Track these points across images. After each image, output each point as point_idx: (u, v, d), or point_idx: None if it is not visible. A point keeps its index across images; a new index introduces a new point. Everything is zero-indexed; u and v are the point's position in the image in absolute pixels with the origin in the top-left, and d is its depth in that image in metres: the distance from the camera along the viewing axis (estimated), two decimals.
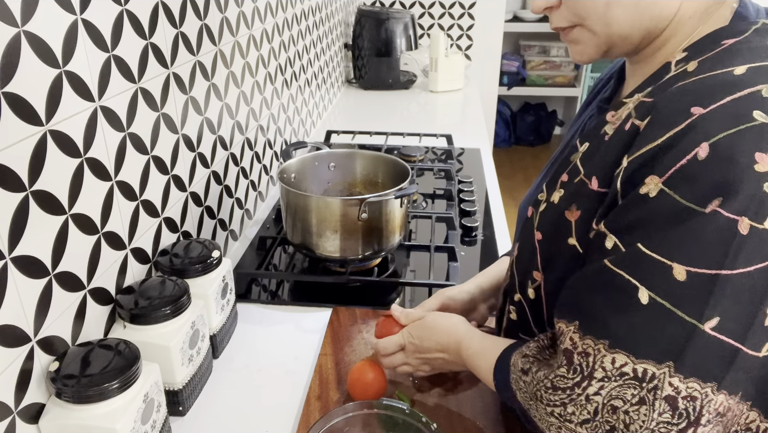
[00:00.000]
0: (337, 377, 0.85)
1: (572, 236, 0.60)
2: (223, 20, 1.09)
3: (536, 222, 0.66)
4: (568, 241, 0.60)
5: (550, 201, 0.64)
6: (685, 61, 0.56)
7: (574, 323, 0.54)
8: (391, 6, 2.91)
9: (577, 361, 0.53)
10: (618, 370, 0.50)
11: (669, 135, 0.50)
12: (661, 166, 0.50)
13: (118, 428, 0.61)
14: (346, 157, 1.23)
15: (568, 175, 0.63)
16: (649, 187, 0.50)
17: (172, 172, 0.92)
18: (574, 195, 0.61)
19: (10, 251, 0.58)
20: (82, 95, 0.69)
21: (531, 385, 0.59)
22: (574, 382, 0.53)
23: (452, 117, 2.21)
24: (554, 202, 0.63)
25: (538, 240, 0.65)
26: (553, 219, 0.63)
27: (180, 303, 0.75)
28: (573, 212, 0.60)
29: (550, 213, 0.64)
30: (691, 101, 0.51)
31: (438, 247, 1.17)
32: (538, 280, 0.65)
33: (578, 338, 0.54)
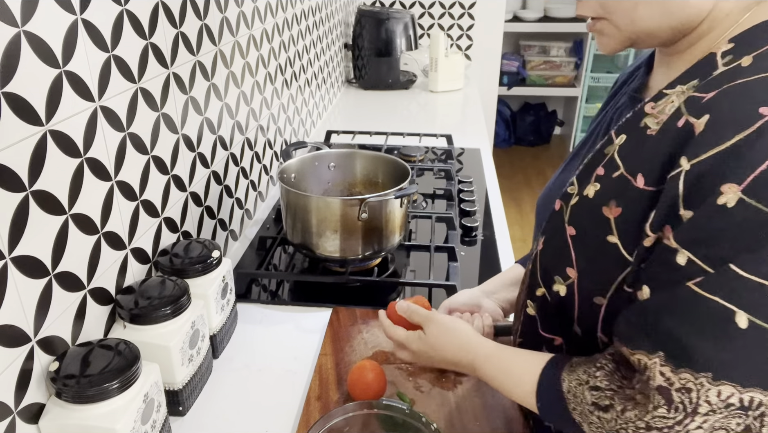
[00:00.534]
0: (337, 377, 0.85)
1: (612, 233, 0.57)
2: (223, 20, 1.09)
3: (567, 216, 0.63)
4: (608, 238, 0.57)
5: (584, 195, 0.61)
6: (733, 54, 0.54)
7: (658, 355, 0.50)
8: (391, 6, 2.91)
9: (678, 398, 0.49)
10: (724, 402, 0.47)
11: (739, 138, 0.47)
12: (737, 172, 0.46)
13: (118, 428, 0.61)
14: (346, 157, 1.23)
15: (604, 169, 0.60)
16: (727, 196, 0.46)
17: (172, 173, 0.92)
18: (613, 191, 0.58)
19: (10, 251, 0.58)
20: (82, 95, 0.69)
21: (614, 422, 0.55)
22: (675, 421, 0.50)
23: (452, 117, 2.21)
24: (589, 196, 0.60)
25: (571, 235, 0.62)
26: (589, 214, 0.60)
27: (180, 303, 0.75)
28: (612, 209, 0.57)
29: (584, 208, 0.61)
30: (759, 101, 0.48)
31: (438, 247, 1.17)
32: (572, 277, 0.62)
33: (670, 372, 0.49)
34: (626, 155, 0.58)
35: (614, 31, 0.60)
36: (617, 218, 0.57)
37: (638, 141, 0.57)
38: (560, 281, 0.63)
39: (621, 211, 0.56)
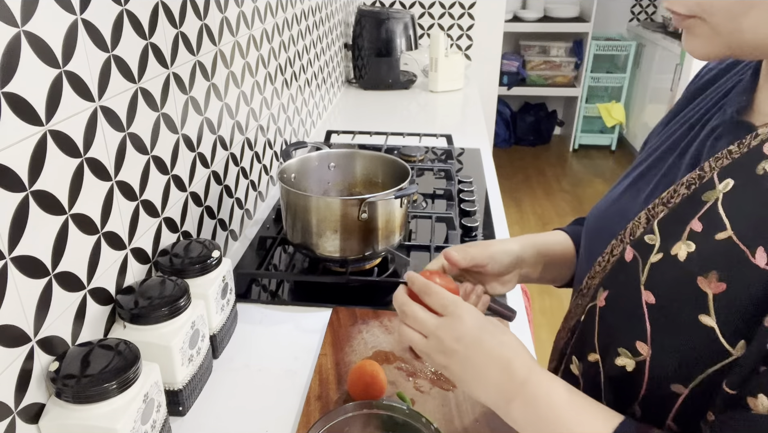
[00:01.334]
0: (337, 377, 0.85)
1: (708, 313, 0.46)
2: (223, 20, 1.09)
3: (644, 276, 0.51)
4: (700, 318, 0.46)
5: (670, 254, 0.49)
6: None
7: None
8: (391, 6, 2.91)
9: None
10: None
11: None
12: None
13: (118, 428, 0.61)
14: (346, 157, 1.23)
15: (701, 225, 0.48)
16: None
17: (172, 173, 0.92)
18: (715, 259, 0.46)
19: (10, 251, 0.58)
20: (82, 95, 0.69)
21: None
22: None
23: (452, 117, 2.21)
24: (678, 258, 0.49)
25: (648, 303, 0.50)
26: (677, 283, 0.48)
27: (180, 303, 0.75)
28: (712, 283, 0.46)
29: (671, 272, 0.49)
30: None
31: (438, 247, 1.17)
32: (644, 354, 0.50)
33: None
34: (737, 213, 0.46)
35: (710, 35, 0.48)
36: (719, 295, 0.45)
37: (756, 196, 0.45)
38: (628, 355, 0.51)
39: (725, 288, 0.45)
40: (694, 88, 0.65)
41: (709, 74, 0.64)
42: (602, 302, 0.55)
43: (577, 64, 4.22)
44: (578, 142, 4.47)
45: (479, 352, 0.56)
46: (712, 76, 0.63)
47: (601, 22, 4.38)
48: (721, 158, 0.50)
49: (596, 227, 0.65)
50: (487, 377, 0.56)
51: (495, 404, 0.56)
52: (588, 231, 0.67)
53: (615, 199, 0.64)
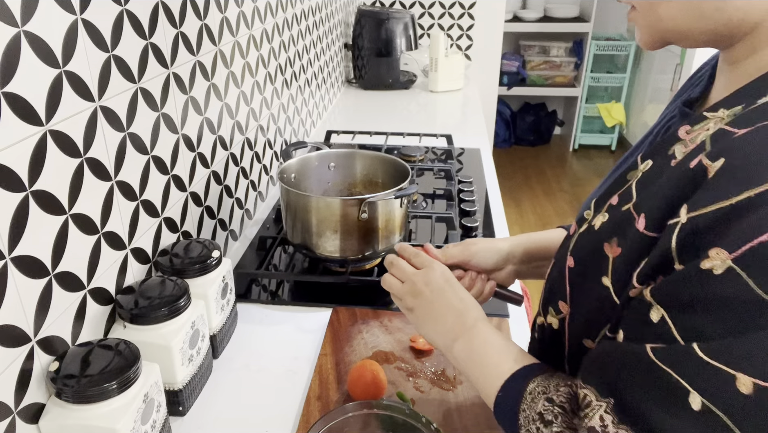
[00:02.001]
0: (337, 377, 0.85)
1: (607, 275, 0.50)
2: (223, 20, 1.09)
3: (572, 245, 0.56)
4: (602, 280, 0.50)
5: (591, 225, 0.54)
6: None
7: (608, 400, 0.46)
8: (391, 6, 2.91)
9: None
10: None
11: (746, 195, 0.39)
12: (732, 237, 0.39)
13: (118, 428, 0.61)
14: (346, 157, 1.23)
15: (618, 198, 0.52)
16: (713, 262, 0.40)
17: (172, 172, 0.92)
18: (617, 226, 0.50)
19: (10, 251, 0.58)
20: (82, 95, 0.69)
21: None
22: None
23: (452, 117, 2.21)
24: (595, 227, 0.53)
25: (569, 267, 0.55)
26: (590, 248, 0.53)
27: (180, 303, 0.75)
28: (613, 247, 0.50)
29: (588, 240, 0.54)
30: None
31: (438, 247, 1.17)
32: (564, 312, 0.57)
33: (611, 422, 0.45)
34: (642, 187, 0.50)
35: (643, 24, 0.52)
36: (616, 258, 0.49)
37: (659, 172, 0.49)
38: (553, 313, 0.58)
39: (620, 252, 0.49)
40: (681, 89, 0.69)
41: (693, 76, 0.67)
42: (549, 269, 0.62)
43: (577, 64, 4.22)
44: (578, 142, 4.47)
45: (441, 299, 0.68)
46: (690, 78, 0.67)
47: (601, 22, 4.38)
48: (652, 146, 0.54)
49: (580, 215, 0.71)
50: (444, 321, 0.67)
51: (444, 343, 0.66)
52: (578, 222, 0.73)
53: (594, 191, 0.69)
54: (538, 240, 0.81)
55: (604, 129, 4.40)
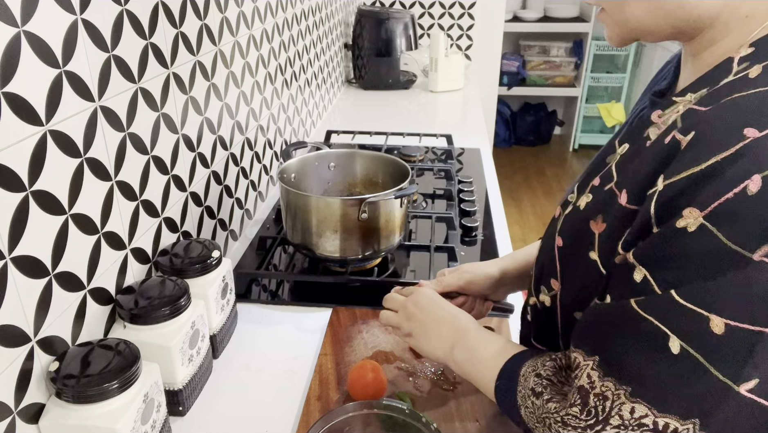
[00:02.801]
0: (337, 377, 0.85)
1: (594, 249, 0.54)
2: (223, 20, 1.09)
3: (559, 225, 0.61)
4: (590, 254, 0.55)
5: (576, 205, 0.59)
6: (750, 60, 0.48)
7: (594, 358, 0.50)
8: (391, 6, 2.91)
9: (593, 403, 0.49)
10: (637, 421, 0.46)
11: (714, 160, 0.43)
12: (703, 197, 0.43)
13: (118, 428, 0.61)
14: (346, 157, 1.23)
15: (600, 180, 0.57)
16: (687, 220, 0.44)
17: (172, 172, 0.92)
18: (601, 204, 0.55)
19: (10, 251, 0.58)
20: (82, 95, 0.69)
21: (540, 410, 0.55)
22: (587, 424, 0.49)
23: (452, 117, 2.21)
24: (580, 207, 0.58)
25: (558, 246, 0.60)
26: (577, 226, 0.58)
27: (180, 303, 0.75)
28: (598, 224, 0.54)
29: (574, 219, 0.59)
30: (746, 120, 0.43)
31: (438, 247, 1.17)
32: (555, 289, 0.61)
33: (597, 377, 0.49)
34: (622, 168, 0.55)
35: (611, 23, 0.56)
36: (601, 233, 0.54)
37: (636, 153, 0.54)
38: (545, 292, 0.62)
39: (605, 227, 0.54)
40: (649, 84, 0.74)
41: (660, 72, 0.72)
42: (537, 252, 0.66)
43: (577, 64, 4.22)
44: (578, 142, 4.47)
45: (431, 315, 0.75)
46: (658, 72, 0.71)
47: None
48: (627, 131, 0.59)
49: None
50: (439, 333, 0.73)
51: (444, 354, 0.71)
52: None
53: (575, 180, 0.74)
54: (525, 258, 0.87)
55: (604, 129, 4.39)
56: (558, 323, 0.62)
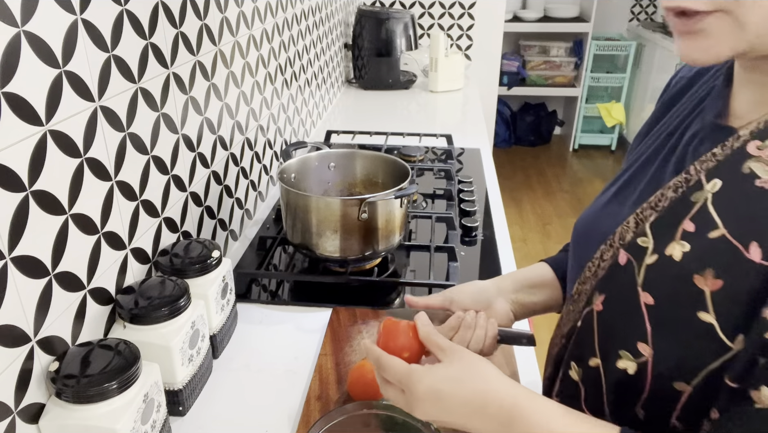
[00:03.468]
0: (337, 377, 0.85)
1: (707, 310, 0.46)
2: (223, 20, 1.09)
3: (641, 278, 0.52)
4: (699, 316, 0.47)
5: (665, 255, 0.50)
6: None
7: None
8: (391, 6, 2.91)
9: None
10: None
11: None
12: None
13: (118, 428, 0.61)
14: (346, 157, 1.23)
15: (694, 225, 0.49)
16: None
17: (172, 172, 0.92)
18: (710, 256, 0.47)
19: (10, 251, 0.58)
20: (82, 95, 0.69)
21: None
22: None
23: (452, 117, 2.21)
24: (674, 258, 0.49)
25: (647, 304, 0.51)
26: (674, 282, 0.49)
27: (180, 303, 0.75)
28: (708, 279, 0.46)
29: (667, 272, 0.50)
30: None
31: (438, 247, 1.17)
32: (646, 355, 0.51)
33: None
34: (728, 211, 0.47)
35: (731, 30, 0.45)
36: (716, 292, 0.46)
37: (743, 194, 0.46)
38: (629, 357, 0.52)
39: (722, 285, 0.46)
40: (667, 99, 0.66)
41: (680, 83, 0.65)
42: (599, 306, 0.56)
43: (577, 64, 4.22)
44: (578, 142, 4.47)
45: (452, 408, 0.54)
46: (683, 85, 0.64)
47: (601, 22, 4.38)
48: (706, 161, 0.51)
49: (584, 233, 0.65)
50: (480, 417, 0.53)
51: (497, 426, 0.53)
52: (576, 238, 0.67)
53: (601, 207, 0.64)
54: (523, 273, 0.79)
55: (604, 129, 4.40)
56: (643, 393, 0.52)
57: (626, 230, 0.55)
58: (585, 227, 0.66)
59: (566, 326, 0.63)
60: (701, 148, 0.53)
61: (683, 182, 0.52)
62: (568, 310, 0.63)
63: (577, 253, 0.66)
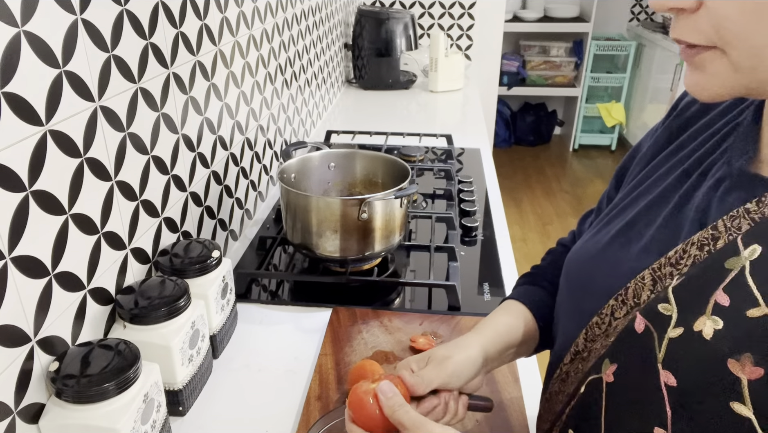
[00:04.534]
0: (337, 377, 0.85)
1: (742, 402, 0.40)
2: (223, 20, 1.09)
3: (662, 353, 0.44)
4: (732, 406, 0.40)
5: (693, 330, 0.43)
6: None
7: None
8: (391, 6, 2.91)
9: None
10: None
11: None
12: None
13: (118, 428, 0.61)
14: (346, 157, 1.23)
15: (729, 297, 0.42)
16: None
17: (172, 172, 0.92)
18: (748, 339, 0.40)
19: (10, 251, 0.58)
20: (82, 95, 0.69)
21: None
22: None
23: (452, 117, 2.21)
24: (704, 336, 0.42)
25: (668, 385, 0.44)
26: (703, 364, 0.42)
27: (180, 303, 0.75)
28: (746, 366, 0.40)
29: (695, 352, 0.43)
30: None
31: (438, 247, 1.17)
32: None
33: None
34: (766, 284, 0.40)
35: (727, 71, 0.41)
36: (755, 381, 0.39)
37: None
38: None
39: (763, 373, 0.39)
40: (675, 125, 0.59)
41: (691, 108, 0.58)
42: (610, 377, 0.49)
43: (577, 64, 4.22)
44: (578, 142, 4.47)
45: None
46: (696, 111, 0.57)
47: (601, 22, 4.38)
48: (737, 217, 0.44)
49: (581, 278, 0.59)
50: None
51: None
52: (571, 282, 0.60)
53: (601, 249, 0.57)
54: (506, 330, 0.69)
55: (604, 129, 4.40)
56: None
57: (641, 287, 0.49)
58: (582, 270, 0.59)
59: (572, 385, 0.56)
60: (729, 199, 0.47)
61: (710, 239, 0.45)
62: (576, 368, 0.56)
63: (574, 296, 0.59)
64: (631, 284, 0.50)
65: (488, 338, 0.67)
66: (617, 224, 0.57)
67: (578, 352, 0.56)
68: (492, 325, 0.69)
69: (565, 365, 0.58)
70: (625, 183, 0.63)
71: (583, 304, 0.56)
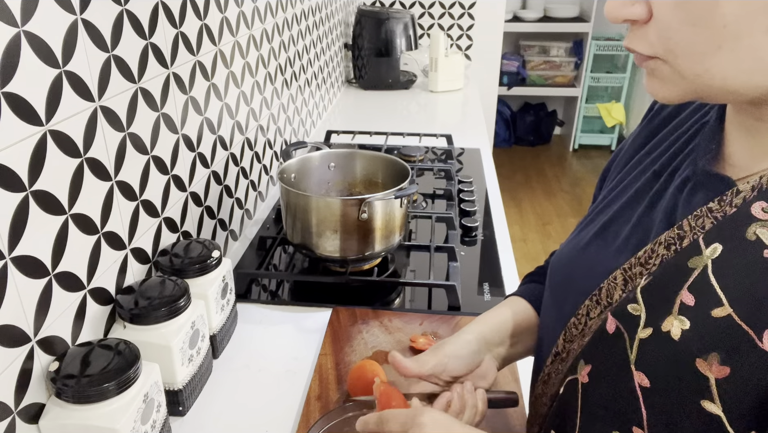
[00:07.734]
0: (337, 377, 0.85)
1: (712, 400, 0.40)
2: (223, 20, 1.09)
3: (634, 354, 0.45)
4: (702, 405, 0.41)
5: (661, 330, 0.44)
6: None
7: None
8: (391, 6, 2.91)
9: None
10: None
11: None
12: None
13: (118, 428, 0.61)
14: (346, 157, 1.23)
15: (693, 297, 0.42)
16: None
17: (172, 172, 0.92)
18: (714, 339, 0.41)
19: (10, 251, 0.58)
20: (82, 95, 0.69)
21: None
22: None
23: (452, 117, 2.21)
24: (672, 336, 0.43)
25: (642, 386, 0.44)
26: (673, 364, 0.43)
27: (180, 303, 0.75)
28: (713, 365, 0.40)
29: (664, 352, 0.43)
30: None
31: (438, 247, 1.17)
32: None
33: None
34: (733, 285, 0.41)
35: (674, 78, 0.42)
36: (722, 380, 0.40)
37: (749, 265, 0.40)
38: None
39: (729, 372, 0.40)
40: (652, 126, 0.60)
41: (666, 108, 0.59)
42: (585, 378, 0.49)
43: (577, 64, 4.22)
44: (578, 142, 4.47)
45: None
46: (669, 113, 0.58)
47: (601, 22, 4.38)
48: (701, 216, 0.45)
49: (562, 278, 0.59)
50: None
51: None
52: (553, 283, 0.61)
53: (580, 250, 0.58)
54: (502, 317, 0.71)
55: (604, 129, 4.40)
56: None
57: (613, 287, 0.50)
58: (563, 272, 0.59)
59: (555, 387, 0.56)
60: (694, 200, 0.47)
61: (676, 238, 0.46)
62: (557, 369, 0.56)
63: (556, 297, 0.59)
64: (605, 284, 0.50)
65: (485, 324, 0.69)
66: (596, 224, 0.58)
67: (558, 353, 0.56)
68: (490, 314, 0.71)
69: (547, 366, 0.58)
70: (606, 183, 0.64)
71: (564, 305, 0.56)
